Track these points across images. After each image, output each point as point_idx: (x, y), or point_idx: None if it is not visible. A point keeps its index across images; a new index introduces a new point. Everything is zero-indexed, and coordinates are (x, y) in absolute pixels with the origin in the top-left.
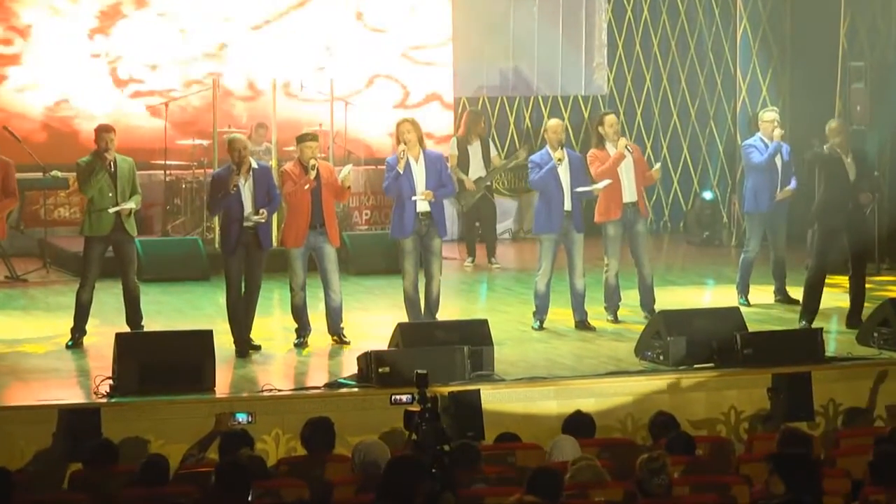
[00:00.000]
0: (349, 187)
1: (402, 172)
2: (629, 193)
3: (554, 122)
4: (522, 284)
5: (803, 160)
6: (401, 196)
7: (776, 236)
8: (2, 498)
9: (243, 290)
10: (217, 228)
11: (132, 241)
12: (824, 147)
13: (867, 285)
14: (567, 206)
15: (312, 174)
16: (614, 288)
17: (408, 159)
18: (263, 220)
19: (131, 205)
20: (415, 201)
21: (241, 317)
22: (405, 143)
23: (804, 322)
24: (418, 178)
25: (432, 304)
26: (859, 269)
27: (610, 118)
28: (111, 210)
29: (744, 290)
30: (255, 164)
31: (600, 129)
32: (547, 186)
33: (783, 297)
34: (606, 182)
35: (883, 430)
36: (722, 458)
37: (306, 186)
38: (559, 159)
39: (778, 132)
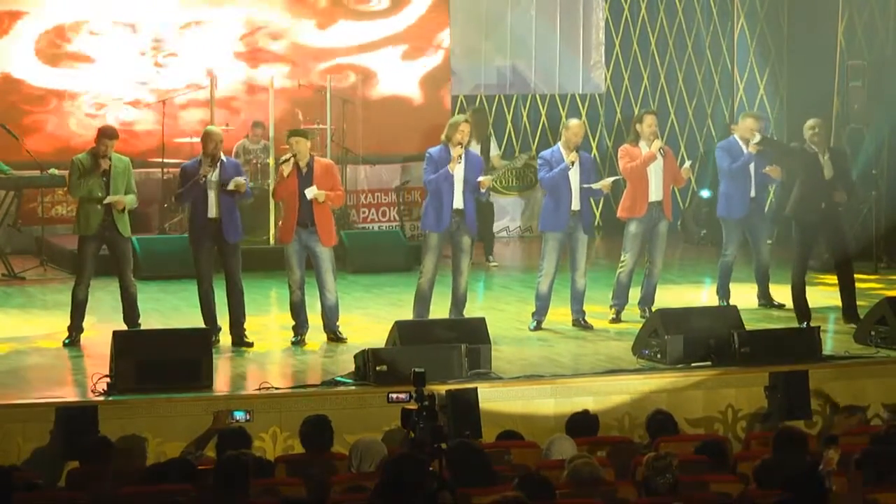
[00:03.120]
0: (322, 201)
1: (452, 174)
2: (655, 193)
3: (574, 122)
4: (520, 283)
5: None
6: (439, 191)
7: (757, 241)
8: (2, 498)
9: (226, 286)
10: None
11: (126, 240)
12: (802, 144)
13: (865, 284)
14: (575, 205)
15: (286, 169)
16: (625, 286)
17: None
18: (242, 189)
19: (125, 199)
20: (452, 198)
21: (213, 306)
22: (461, 144)
23: (803, 324)
24: (458, 177)
25: (460, 300)
26: (843, 266)
27: (649, 118)
28: (105, 201)
29: (724, 295)
30: (224, 159)
31: (638, 126)
32: (557, 186)
33: (766, 302)
34: (611, 179)
35: (878, 428)
36: (719, 456)
37: (285, 171)
38: (572, 162)
39: (753, 145)
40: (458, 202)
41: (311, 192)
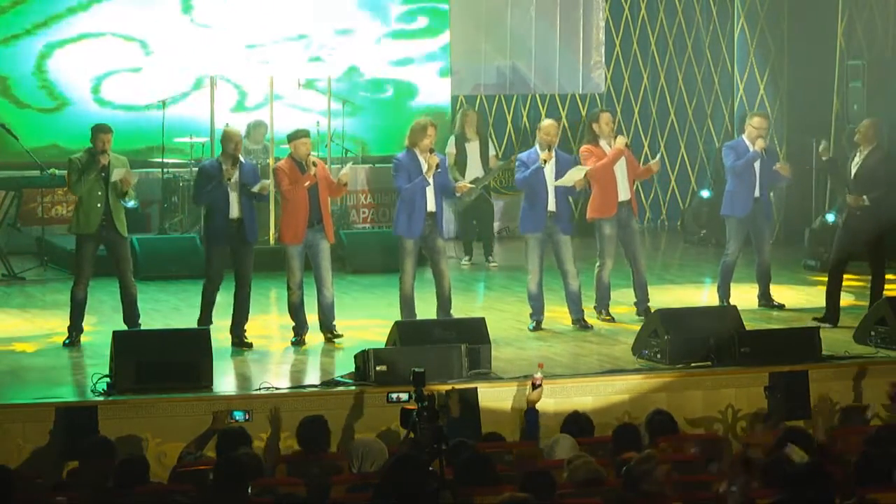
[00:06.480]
0: (346, 184)
1: (429, 182)
2: (623, 191)
3: (547, 122)
4: (520, 283)
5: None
6: (413, 197)
7: (760, 240)
8: (2, 497)
9: (235, 286)
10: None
11: (124, 240)
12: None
13: (864, 284)
14: (551, 206)
15: (312, 171)
16: (606, 286)
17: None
18: (266, 193)
19: (130, 176)
20: (425, 202)
21: (212, 304)
22: (430, 151)
23: (827, 314)
24: (431, 181)
25: (445, 302)
26: (877, 264)
27: (606, 115)
28: (112, 178)
29: (725, 295)
30: (242, 160)
31: (595, 126)
32: (531, 187)
33: (767, 302)
34: (583, 171)
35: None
36: (718, 456)
37: (307, 184)
38: (545, 161)
39: (760, 142)
40: (430, 206)
41: (347, 167)
